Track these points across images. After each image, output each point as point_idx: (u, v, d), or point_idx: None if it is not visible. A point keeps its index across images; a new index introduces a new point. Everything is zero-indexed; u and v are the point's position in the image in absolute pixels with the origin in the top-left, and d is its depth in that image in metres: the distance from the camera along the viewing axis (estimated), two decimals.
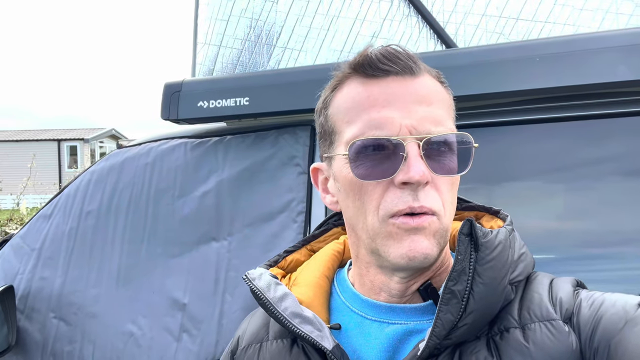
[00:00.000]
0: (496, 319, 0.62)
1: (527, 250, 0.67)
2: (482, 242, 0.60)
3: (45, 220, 1.69)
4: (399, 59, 0.63)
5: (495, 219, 0.72)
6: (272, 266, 0.77)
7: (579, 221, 1.26)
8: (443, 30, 1.41)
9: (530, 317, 0.60)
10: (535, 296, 0.63)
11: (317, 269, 0.74)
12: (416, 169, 0.58)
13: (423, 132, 0.60)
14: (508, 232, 0.64)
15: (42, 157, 20.14)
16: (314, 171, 0.73)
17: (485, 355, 0.59)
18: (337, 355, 0.63)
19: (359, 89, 0.64)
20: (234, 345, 0.77)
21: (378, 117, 0.61)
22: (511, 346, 0.59)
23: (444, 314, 0.59)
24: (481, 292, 0.59)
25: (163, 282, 1.49)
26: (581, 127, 1.24)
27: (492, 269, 0.60)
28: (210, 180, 1.51)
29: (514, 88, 1.21)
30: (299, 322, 0.65)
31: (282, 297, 0.68)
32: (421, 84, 0.63)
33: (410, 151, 0.59)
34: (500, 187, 1.34)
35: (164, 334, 1.45)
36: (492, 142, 1.25)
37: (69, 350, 1.53)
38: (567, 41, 1.19)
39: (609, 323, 0.56)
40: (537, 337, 0.58)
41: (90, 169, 1.71)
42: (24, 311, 1.61)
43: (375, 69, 0.63)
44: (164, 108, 1.52)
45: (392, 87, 0.62)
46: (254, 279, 0.71)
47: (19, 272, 1.65)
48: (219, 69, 1.64)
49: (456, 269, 0.60)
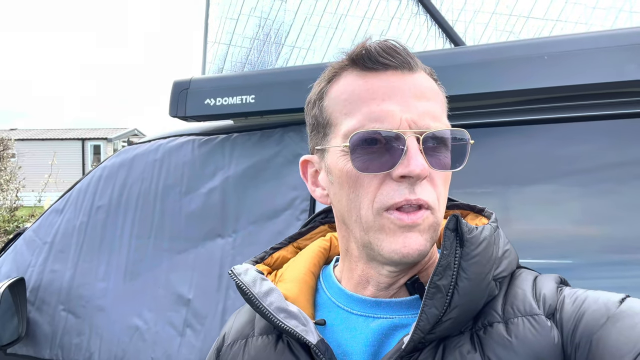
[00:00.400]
0: (480, 314, 0.62)
1: (511, 247, 0.68)
2: (468, 237, 0.61)
3: (58, 215, 1.73)
4: (398, 54, 0.63)
5: (479, 217, 0.72)
6: (258, 262, 0.78)
7: (603, 226, 1.22)
8: (452, 29, 1.40)
9: (513, 312, 0.61)
10: (519, 292, 0.63)
11: (303, 265, 0.75)
12: (417, 162, 0.58)
13: (423, 126, 0.61)
14: (493, 229, 0.65)
15: (66, 155, 20.62)
16: (303, 163, 0.72)
17: (468, 349, 0.60)
18: (321, 349, 0.63)
19: (359, 81, 0.64)
20: (219, 342, 0.78)
21: (378, 110, 0.61)
22: (494, 340, 0.59)
23: (428, 308, 0.59)
24: (466, 287, 0.59)
25: (168, 277, 1.51)
26: (594, 128, 1.21)
27: (477, 265, 0.60)
28: (216, 177, 1.52)
29: (523, 87, 1.19)
30: (284, 316, 0.66)
31: (268, 292, 0.69)
32: (419, 79, 0.64)
33: (411, 145, 0.59)
34: (514, 189, 1.31)
35: (168, 328, 1.46)
36: (497, 143, 1.23)
37: (76, 342, 1.56)
38: (576, 39, 1.16)
39: (591, 319, 0.57)
40: (520, 331, 0.59)
41: (102, 165, 1.74)
42: (34, 303, 1.64)
43: (375, 62, 0.63)
44: (172, 105, 1.54)
45: (391, 80, 0.62)
46: (240, 274, 0.72)
47: (31, 265, 1.69)
48: (228, 67, 1.65)
49: (441, 263, 0.60)
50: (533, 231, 1.23)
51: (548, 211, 1.21)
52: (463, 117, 1.29)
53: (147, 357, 1.46)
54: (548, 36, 1.27)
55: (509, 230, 0.77)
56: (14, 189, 10.80)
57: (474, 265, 0.60)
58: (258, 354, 0.70)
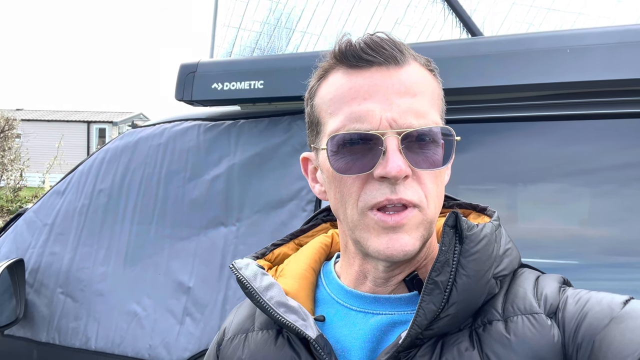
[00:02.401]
0: (480, 312, 0.62)
1: (513, 246, 0.67)
2: (467, 234, 0.60)
3: (59, 196, 1.70)
4: (384, 49, 0.62)
5: (482, 216, 0.72)
6: (259, 258, 0.78)
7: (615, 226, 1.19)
8: (469, 18, 1.35)
9: (513, 311, 0.61)
10: (520, 290, 0.63)
11: (304, 261, 0.75)
12: (393, 164, 0.58)
13: (404, 125, 0.60)
14: (494, 227, 0.64)
15: (72, 138, 20.62)
16: (304, 160, 0.73)
17: (466, 346, 0.60)
18: (320, 344, 0.64)
19: (343, 79, 0.63)
20: (220, 336, 0.78)
21: (358, 110, 0.61)
22: (493, 337, 0.59)
23: (426, 304, 0.59)
24: (464, 284, 0.59)
25: (169, 265, 1.48)
26: (615, 125, 1.16)
27: (476, 262, 0.60)
28: (221, 164, 1.49)
29: (541, 81, 1.14)
30: (284, 311, 0.66)
31: (268, 287, 0.69)
32: (406, 74, 0.62)
33: (389, 145, 0.59)
34: (527, 186, 1.27)
35: (167, 316, 1.44)
36: (510, 138, 1.19)
37: (74, 326, 1.54)
38: (600, 33, 1.11)
39: (594, 319, 0.56)
40: (519, 329, 0.59)
41: (105, 147, 1.70)
42: (33, 285, 1.62)
43: (359, 60, 0.62)
44: (178, 88, 1.50)
45: (375, 78, 0.61)
46: (241, 268, 0.72)
47: (31, 246, 1.67)
48: (237, 52, 1.61)
49: (440, 259, 0.60)
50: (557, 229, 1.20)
51: (570, 209, 1.17)
52: (477, 111, 1.25)
53: (145, 344, 1.43)
54: (571, 29, 1.23)
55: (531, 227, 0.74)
56: (18, 169, 10.81)
57: (473, 263, 0.60)
58: (258, 348, 0.70)
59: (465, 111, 1.25)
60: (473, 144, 1.26)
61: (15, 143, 11.81)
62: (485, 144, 1.26)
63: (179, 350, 1.39)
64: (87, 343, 1.50)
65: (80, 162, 1.76)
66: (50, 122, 22.75)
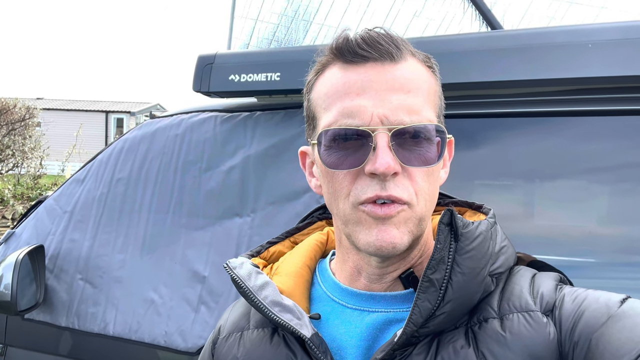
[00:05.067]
0: (476, 310, 0.62)
1: (509, 244, 0.67)
2: (462, 232, 0.60)
3: (79, 185, 1.73)
4: (380, 44, 0.62)
5: (477, 214, 0.72)
6: (254, 256, 0.78)
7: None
8: (489, 11, 1.33)
9: (509, 308, 0.61)
10: (516, 288, 0.63)
11: (299, 259, 0.75)
12: (382, 160, 0.58)
13: (395, 122, 0.59)
14: (490, 225, 0.64)
15: (90, 127, 20.89)
16: (301, 154, 0.73)
17: (462, 344, 0.59)
18: (315, 343, 0.63)
19: (338, 75, 0.63)
20: (215, 334, 0.78)
21: (351, 106, 0.61)
22: (488, 335, 0.59)
23: (421, 301, 0.59)
24: (460, 282, 0.59)
25: (185, 254, 1.50)
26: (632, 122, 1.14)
27: (472, 259, 0.60)
28: (237, 155, 1.50)
29: (562, 76, 1.13)
30: (279, 310, 0.66)
31: (263, 286, 0.69)
32: (401, 70, 0.62)
33: (379, 142, 0.59)
34: (547, 182, 1.26)
35: (183, 304, 1.46)
36: (530, 134, 1.18)
37: (93, 312, 1.57)
38: (622, 28, 1.09)
39: (591, 318, 0.56)
40: (514, 326, 0.59)
41: (123, 137, 1.73)
42: (52, 270, 1.66)
43: (354, 55, 0.62)
44: (195, 80, 1.51)
45: (369, 74, 0.61)
46: (235, 267, 0.72)
47: (51, 233, 1.71)
48: (255, 43, 1.61)
49: (435, 257, 0.60)
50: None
51: (593, 206, 1.16)
52: (495, 105, 1.24)
53: (161, 331, 1.46)
54: (593, 23, 1.20)
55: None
56: (38, 157, 11.00)
57: (469, 260, 0.60)
58: (253, 347, 0.70)
59: (484, 105, 1.24)
60: (491, 139, 1.25)
61: (36, 131, 12.02)
62: (503, 139, 1.25)
63: (194, 337, 1.42)
64: (106, 328, 1.54)
65: (100, 151, 1.79)
66: (69, 112, 23.08)
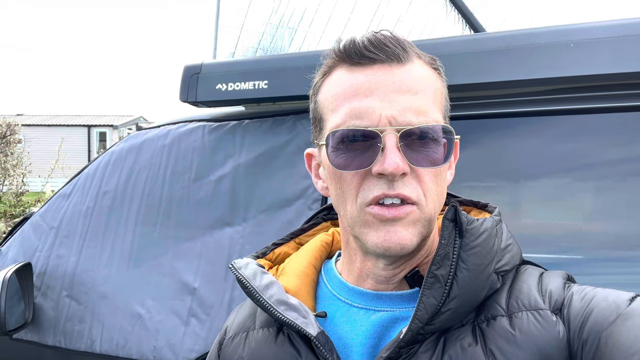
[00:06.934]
0: (483, 308, 0.62)
1: (514, 242, 0.67)
2: (467, 228, 0.61)
3: (64, 199, 1.70)
4: (386, 46, 0.62)
5: (483, 213, 0.72)
6: (259, 257, 0.78)
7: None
8: (472, 14, 1.35)
9: (518, 306, 0.61)
10: (524, 286, 0.63)
11: (305, 259, 0.75)
12: (390, 161, 0.58)
13: (403, 122, 0.60)
14: (495, 222, 0.64)
15: (73, 142, 20.63)
16: (307, 157, 0.74)
17: (469, 341, 0.59)
18: (321, 341, 0.64)
19: (345, 77, 0.64)
20: (221, 335, 0.78)
21: (359, 107, 0.61)
22: (497, 332, 0.59)
23: (427, 298, 0.59)
24: (465, 278, 0.59)
25: (174, 265, 1.48)
26: (621, 119, 1.16)
27: (477, 256, 0.60)
28: (226, 164, 1.49)
29: (546, 75, 1.14)
30: (284, 309, 0.66)
31: (268, 285, 0.69)
32: (408, 72, 0.62)
33: (388, 142, 0.59)
34: (537, 181, 1.27)
35: (172, 317, 1.44)
36: (515, 135, 1.19)
37: (79, 329, 1.54)
38: (604, 27, 1.12)
39: (600, 316, 0.57)
40: (524, 324, 0.59)
41: (110, 150, 1.71)
42: (40, 288, 1.62)
43: (361, 57, 0.63)
44: (182, 90, 1.51)
45: (376, 75, 0.62)
46: (240, 267, 0.72)
47: (38, 250, 1.67)
48: (240, 52, 1.61)
49: (439, 253, 0.60)
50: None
51: (582, 204, 1.17)
52: (480, 107, 1.25)
53: (150, 346, 1.43)
54: (574, 23, 1.23)
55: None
56: (20, 174, 10.82)
57: (474, 256, 0.60)
58: (259, 346, 0.70)
59: (471, 107, 1.26)
60: (478, 140, 1.26)
61: (17, 148, 11.83)
62: (491, 140, 1.26)
63: (184, 351, 1.39)
64: (92, 346, 1.51)
65: (86, 165, 1.76)
66: (50, 127, 22.76)
